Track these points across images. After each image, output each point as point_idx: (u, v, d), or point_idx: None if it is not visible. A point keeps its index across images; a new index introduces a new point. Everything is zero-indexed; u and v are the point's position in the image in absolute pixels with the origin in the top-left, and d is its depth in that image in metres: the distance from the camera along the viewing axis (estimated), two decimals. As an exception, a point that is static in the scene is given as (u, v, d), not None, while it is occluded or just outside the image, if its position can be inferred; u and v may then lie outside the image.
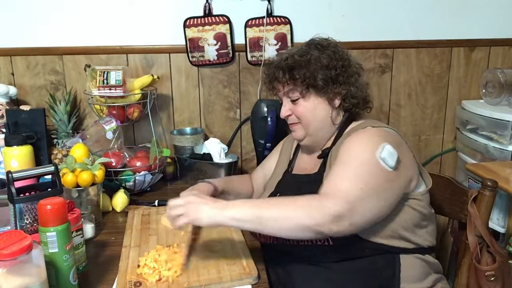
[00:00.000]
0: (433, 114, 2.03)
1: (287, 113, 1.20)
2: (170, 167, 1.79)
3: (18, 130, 1.62)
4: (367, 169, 1.01)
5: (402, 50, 1.94)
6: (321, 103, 1.16)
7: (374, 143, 1.04)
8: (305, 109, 1.17)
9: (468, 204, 1.20)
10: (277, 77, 1.18)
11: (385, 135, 1.09)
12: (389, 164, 1.01)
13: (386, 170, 1.01)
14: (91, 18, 1.79)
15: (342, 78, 1.14)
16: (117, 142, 1.63)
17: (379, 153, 1.01)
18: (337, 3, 1.86)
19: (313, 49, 1.16)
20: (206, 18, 1.81)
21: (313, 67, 1.13)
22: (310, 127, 1.18)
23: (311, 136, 1.19)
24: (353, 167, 1.02)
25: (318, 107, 1.16)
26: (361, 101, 1.18)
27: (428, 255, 1.12)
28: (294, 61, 1.14)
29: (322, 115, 1.17)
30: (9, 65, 1.82)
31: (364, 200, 0.97)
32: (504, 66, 1.98)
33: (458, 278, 1.26)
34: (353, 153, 1.05)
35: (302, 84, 1.14)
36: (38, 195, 1.09)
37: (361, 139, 1.08)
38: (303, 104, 1.17)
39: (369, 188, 0.98)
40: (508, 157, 1.70)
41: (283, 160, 1.36)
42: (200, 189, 1.22)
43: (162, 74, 1.85)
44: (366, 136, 1.09)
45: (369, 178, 1.00)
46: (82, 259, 1.08)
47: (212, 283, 0.99)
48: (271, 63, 1.22)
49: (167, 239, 1.21)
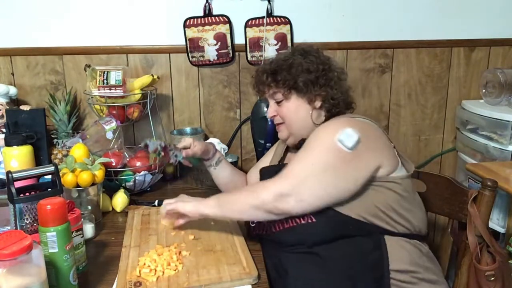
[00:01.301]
0: (433, 114, 2.03)
1: (273, 114, 1.28)
2: (170, 167, 1.79)
3: (18, 130, 1.62)
4: (321, 151, 1.08)
5: (402, 50, 1.94)
6: (302, 104, 1.23)
7: (335, 129, 1.10)
8: (288, 110, 1.24)
9: (468, 204, 1.20)
10: (262, 81, 1.26)
11: (352, 122, 1.13)
12: (346, 145, 1.06)
13: (342, 150, 1.06)
14: (91, 18, 1.80)
15: (322, 81, 1.21)
16: (117, 142, 1.63)
17: (338, 135, 1.07)
18: (337, 3, 1.87)
19: (297, 55, 1.23)
20: (206, 18, 1.81)
21: (295, 71, 1.20)
22: (292, 127, 1.25)
23: (294, 135, 1.26)
24: (309, 150, 1.10)
25: (299, 108, 1.23)
26: (342, 102, 1.23)
27: (418, 242, 1.12)
28: (277, 65, 1.23)
29: (303, 115, 1.23)
30: (9, 65, 1.82)
31: (312, 176, 1.04)
32: (504, 66, 1.98)
33: (458, 278, 1.26)
34: (315, 139, 1.12)
35: (283, 86, 1.21)
36: (38, 195, 1.09)
37: (326, 127, 1.15)
38: (286, 105, 1.24)
39: (318, 166, 1.05)
40: (508, 157, 1.70)
41: (275, 158, 1.42)
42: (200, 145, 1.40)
43: (162, 74, 1.85)
44: (333, 123, 1.15)
45: (320, 157, 1.07)
46: (82, 259, 1.08)
47: (212, 283, 0.99)
48: (258, 67, 1.31)
49: (167, 239, 1.21)
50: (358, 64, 1.92)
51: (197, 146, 1.39)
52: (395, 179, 1.11)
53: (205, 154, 1.41)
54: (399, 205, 1.10)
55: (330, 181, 1.05)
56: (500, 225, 1.66)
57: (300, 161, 1.08)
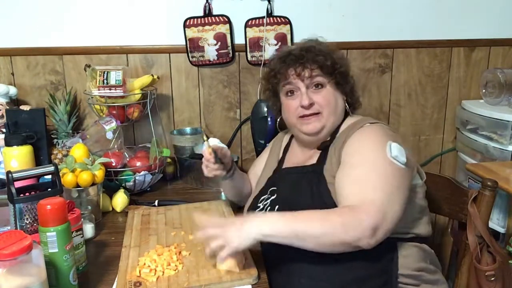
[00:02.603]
0: (433, 114, 2.03)
1: (310, 101, 1.15)
2: (170, 167, 1.79)
3: (18, 130, 1.62)
4: (385, 172, 1.02)
5: (402, 50, 1.94)
6: (339, 95, 1.19)
7: (381, 143, 1.06)
8: (330, 96, 1.17)
9: (468, 204, 1.20)
10: (307, 63, 1.15)
11: (385, 132, 1.11)
12: (401, 161, 1.03)
13: (400, 167, 1.03)
14: (91, 18, 1.79)
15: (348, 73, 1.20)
16: (117, 142, 1.63)
17: (389, 153, 1.03)
18: (337, 3, 1.86)
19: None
20: (206, 18, 1.81)
21: (336, 56, 1.17)
22: (330, 117, 1.17)
23: (327, 127, 1.18)
24: (371, 172, 1.02)
25: (338, 97, 1.19)
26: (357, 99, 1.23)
27: (425, 244, 1.13)
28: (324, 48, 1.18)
29: (341, 107, 1.19)
30: (9, 65, 1.82)
31: (391, 203, 0.98)
32: (504, 66, 1.98)
33: (458, 278, 1.26)
34: (366, 156, 1.05)
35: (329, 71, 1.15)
36: (38, 195, 1.09)
37: (367, 140, 1.09)
38: (328, 91, 1.17)
39: (392, 190, 0.99)
40: (508, 157, 1.70)
41: (272, 158, 1.37)
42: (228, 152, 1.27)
43: (162, 74, 1.85)
44: (372, 136, 1.10)
45: (390, 180, 1.01)
46: (82, 259, 1.08)
47: (212, 283, 0.99)
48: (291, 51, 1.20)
49: (167, 239, 1.21)
50: (358, 64, 1.92)
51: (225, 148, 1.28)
52: (414, 188, 1.10)
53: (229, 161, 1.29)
54: (416, 217, 1.10)
55: (401, 204, 1.00)
56: (500, 225, 1.66)
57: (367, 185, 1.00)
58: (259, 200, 1.23)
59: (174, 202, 1.48)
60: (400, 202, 1.00)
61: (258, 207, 1.21)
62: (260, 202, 1.22)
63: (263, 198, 1.22)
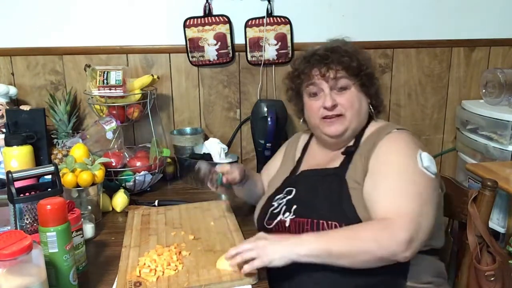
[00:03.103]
0: (433, 114, 2.03)
1: (333, 102, 1.13)
2: (170, 167, 1.79)
3: (18, 130, 1.62)
4: (417, 182, 1.01)
5: (402, 50, 1.94)
6: (363, 97, 1.16)
7: (412, 152, 1.04)
8: (354, 98, 1.14)
9: (468, 204, 1.19)
10: (331, 64, 1.13)
11: (414, 140, 1.10)
12: (432, 171, 1.03)
13: (431, 178, 1.02)
14: (91, 18, 1.80)
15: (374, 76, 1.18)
16: (117, 142, 1.63)
17: (420, 163, 1.02)
18: (337, 3, 1.87)
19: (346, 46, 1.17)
20: (206, 18, 1.81)
21: (362, 59, 1.14)
22: (354, 119, 1.14)
23: (353, 130, 1.16)
24: (403, 182, 1.01)
25: (363, 99, 1.16)
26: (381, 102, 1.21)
27: (436, 257, 1.12)
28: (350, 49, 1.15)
29: (365, 109, 1.17)
30: (9, 65, 1.82)
31: (424, 215, 0.97)
32: (504, 66, 1.98)
33: (458, 278, 1.26)
34: (396, 165, 1.04)
35: (354, 73, 1.13)
36: (38, 195, 1.09)
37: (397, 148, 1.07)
38: (352, 93, 1.14)
39: (425, 201, 0.99)
40: (508, 157, 1.70)
41: (288, 159, 1.33)
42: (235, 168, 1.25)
43: (162, 74, 1.85)
44: (401, 144, 1.08)
45: (422, 191, 1.00)
46: (82, 259, 1.08)
47: (212, 283, 0.99)
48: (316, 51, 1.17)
49: (167, 239, 1.21)
50: (358, 64, 1.92)
51: (235, 171, 1.24)
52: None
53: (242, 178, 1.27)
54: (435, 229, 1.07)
55: (433, 215, 1.00)
56: (500, 225, 1.66)
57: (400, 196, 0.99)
58: (274, 199, 1.20)
59: (174, 202, 1.48)
60: (432, 213, 0.99)
61: (273, 206, 1.19)
62: (275, 201, 1.19)
63: (278, 197, 1.19)
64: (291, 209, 1.13)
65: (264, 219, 1.19)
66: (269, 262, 0.95)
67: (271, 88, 1.91)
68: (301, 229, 1.08)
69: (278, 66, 1.89)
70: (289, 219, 1.11)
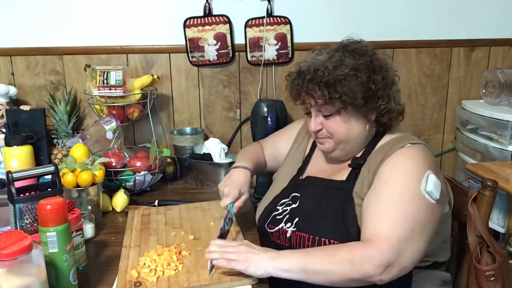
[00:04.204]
0: (433, 114, 2.03)
1: (318, 127, 1.10)
2: (170, 167, 1.79)
3: (18, 130, 1.62)
4: (412, 207, 0.97)
5: (402, 50, 1.94)
6: (357, 119, 1.07)
7: (418, 173, 0.99)
8: (339, 125, 1.07)
9: (468, 204, 1.19)
10: (310, 92, 1.06)
11: (426, 158, 1.03)
12: (434, 197, 0.98)
13: (430, 203, 0.98)
14: (91, 18, 1.79)
15: (382, 92, 1.06)
16: (117, 142, 1.63)
17: (424, 185, 0.97)
18: (337, 3, 1.86)
19: (348, 58, 1.05)
20: (206, 18, 1.81)
21: (352, 83, 1.03)
22: (342, 143, 1.10)
23: (342, 150, 1.12)
24: (396, 205, 0.97)
25: (353, 123, 1.08)
26: (397, 113, 1.11)
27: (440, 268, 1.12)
28: (331, 76, 1.03)
29: (357, 132, 1.09)
30: (9, 65, 1.82)
31: (411, 241, 0.94)
32: (504, 66, 1.98)
33: (458, 278, 1.26)
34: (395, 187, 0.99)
35: (340, 102, 1.03)
36: (38, 195, 1.09)
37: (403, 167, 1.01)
38: (338, 121, 1.07)
39: (414, 227, 0.95)
40: (508, 157, 1.70)
41: (296, 153, 1.29)
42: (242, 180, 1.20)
43: (162, 74, 1.85)
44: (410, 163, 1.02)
45: (414, 216, 0.96)
46: (82, 259, 1.08)
47: (212, 283, 0.99)
48: (301, 72, 1.09)
49: (167, 239, 1.21)
50: (358, 64, 1.92)
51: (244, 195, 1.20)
52: (443, 218, 1.06)
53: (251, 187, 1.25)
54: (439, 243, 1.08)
55: (425, 241, 0.97)
56: (500, 225, 1.66)
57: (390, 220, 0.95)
58: (279, 203, 1.18)
59: (174, 202, 1.48)
60: (423, 239, 0.96)
61: (277, 210, 1.17)
62: (280, 206, 1.17)
63: (283, 202, 1.17)
64: (294, 221, 1.11)
65: (266, 221, 1.18)
66: (246, 268, 0.96)
67: (271, 88, 1.91)
68: (302, 244, 1.07)
69: (278, 66, 1.89)
70: (291, 230, 1.10)
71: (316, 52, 1.12)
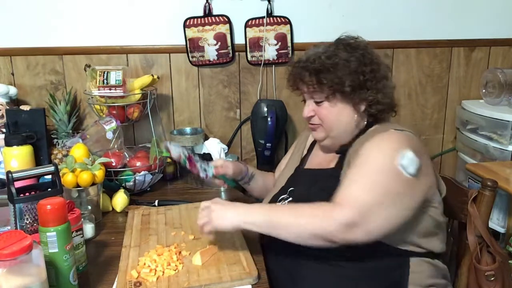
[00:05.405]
0: (433, 114, 2.03)
1: (310, 113, 1.16)
2: (170, 167, 1.79)
3: (18, 130, 1.62)
4: (383, 176, 0.99)
5: (402, 50, 1.95)
6: (346, 108, 1.13)
7: (394, 150, 1.02)
8: (329, 112, 1.13)
9: (468, 204, 1.19)
10: (302, 79, 1.14)
11: (407, 140, 1.06)
12: (409, 171, 0.99)
13: (405, 177, 0.99)
14: (91, 18, 1.80)
15: (370, 84, 1.11)
16: (117, 142, 1.63)
17: (399, 159, 0.99)
18: (337, 3, 1.87)
19: (342, 51, 1.12)
20: (206, 18, 1.81)
21: (341, 72, 1.09)
22: (332, 131, 1.15)
23: (333, 138, 1.16)
24: (368, 173, 1.00)
25: (342, 112, 1.13)
26: (387, 107, 1.15)
27: (437, 260, 1.11)
28: (321, 64, 1.10)
29: (346, 120, 1.14)
30: (9, 65, 1.82)
31: (379, 207, 0.96)
32: (504, 66, 1.98)
33: (458, 278, 1.26)
34: (371, 158, 1.03)
35: (328, 89, 1.10)
36: (38, 195, 1.09)
37: (381, 144, 1.05)
38: (328, 107, 1.13)
39: (384, 195, 0.97)
40: (508, 157, 1.70)
41: (295, 156, 1.35)
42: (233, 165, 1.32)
43: (162, 74, 1.85)
44: (387, 141, 1.06)
45: (385, 185, 0.98)
46: (82, 259, 1.08)
47: (212, 283, 0.99)
48: (297, 62, 1.18)
49: (167, 239, 1.21)
50: (358, 64, 1.92)
51: (229, 167, 1.31)
52: (434, 204, 1.07)
53: (237, 175, 1.34)
54: (432, 232, 1.08)
55: (398, 212, 0.98)
56: (500, 225, 1.66)
57: (357, 184, 0.99)
58: (278, 199, 1.21)
59: (174, 202, 1.48)
60: (395, 209, 0.98)
61: None
62: (279, 201, 1.20)
63: (282, 197, 1.20)
64: None
65: None
66: (217, 226, 1.03)
67: (271, 88, 1.92)
68: None
69: (278, 66, 1.89)
70: None
71: (315, 46, 1.19)
